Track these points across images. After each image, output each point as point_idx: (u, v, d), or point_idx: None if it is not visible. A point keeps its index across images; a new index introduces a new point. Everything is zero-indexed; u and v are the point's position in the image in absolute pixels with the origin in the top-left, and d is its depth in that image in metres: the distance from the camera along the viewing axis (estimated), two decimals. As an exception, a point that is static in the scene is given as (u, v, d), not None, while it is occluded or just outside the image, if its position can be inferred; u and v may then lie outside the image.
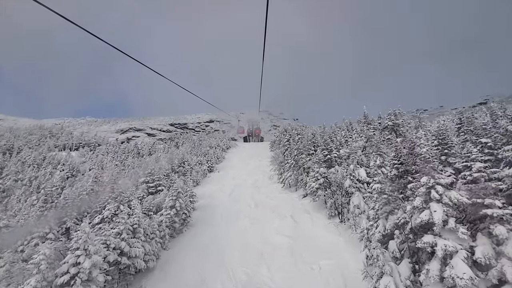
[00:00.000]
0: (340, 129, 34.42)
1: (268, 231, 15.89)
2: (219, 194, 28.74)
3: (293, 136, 31.12)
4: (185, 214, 18.88)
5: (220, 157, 47.38)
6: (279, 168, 28.76)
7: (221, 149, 52.00)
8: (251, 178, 33.91)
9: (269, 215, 18.82)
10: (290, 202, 20.93)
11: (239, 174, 37.30)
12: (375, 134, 19.54)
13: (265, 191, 26.62)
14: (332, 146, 19.07)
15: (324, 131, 32.96)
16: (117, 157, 57.49)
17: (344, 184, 14.60)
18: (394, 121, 18.63)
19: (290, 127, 50.68)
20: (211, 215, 21.30)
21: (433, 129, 15.35)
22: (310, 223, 15.93)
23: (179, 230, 18.19)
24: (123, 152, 60.90)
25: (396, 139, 16.85)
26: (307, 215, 17.14)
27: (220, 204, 24.52)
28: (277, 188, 26.61)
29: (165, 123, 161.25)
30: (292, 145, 28.64)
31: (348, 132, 29.50)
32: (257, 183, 30.69)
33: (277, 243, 14.03)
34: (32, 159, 54.44)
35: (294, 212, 18.22)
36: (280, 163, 28.66)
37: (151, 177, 25.43)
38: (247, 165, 42.94)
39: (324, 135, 29.57)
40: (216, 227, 17.84)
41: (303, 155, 24.04)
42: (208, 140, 55.61)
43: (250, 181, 32.54)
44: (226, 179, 35.61)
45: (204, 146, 51.76)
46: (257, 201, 23.69)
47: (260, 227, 16.68)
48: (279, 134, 56.85)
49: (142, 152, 62.48)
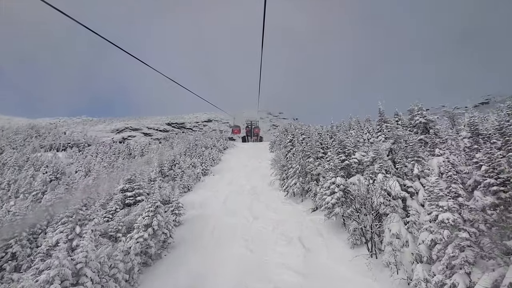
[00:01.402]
0: (349, 128, 30.61)
1: (271, 262, 12.00)
2: (212, 202, 24.85)
3: (297, 136, 27.21)
4: (165, 235, 14.97)
5: (216, 159, 43.42)
6: (281, 173, 24.88)
7: (217, 150, 48.05)
8: (249, 183, 30.08)
9: (271, 236, 14.94)
10: (297, 217, 17.06)
11: (236, 178, 33.43)
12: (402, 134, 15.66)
13: (265, 200, 22.76)
14: (351, 148, 15.22)
15: (332, 130, 28.98)
16: (107, 158, 53.50)
17: (373, 201, 10.77)
18: (427, 117, 14.86)
19: (292, 126, 46.72)
20: (200, 233, 17.42)
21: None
22: (325, 252, 12.03)
23: (156, 255, 14.30)
24: (113, 152, 56.83)
25: (454, 141, 12.96)
26: (319, 239, 13.24)
27: (212, 216, 20.66)
28: (279, 197, 22.72)
29: (162, 123, 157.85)
30: (296, 147, 24.78)
31: (359, 131, 25.68)
32: (256, 190, 26.85)
33: (282, 286, 10.11)
34: (13, 161, 50.31)
35: (303, 233, 14.34)
36: (282, 167, 24.78)
37: (130, 184, 21.51)
38: (245, 167, 39.07)
39: (332, 134, 25.65)
40: (204, 254, 13.91)
41: (310, 159, 20.16)
42: (203, 141, 51.58)
43: (248, 187, 28.71)
44: (221, 184, 31.74)
45: (199, 146, 47.84)
46: (256, 213, 19.86)
47: (259, 255, 12.79)
48: (279, 133, 52.94)
49: (134, 152, 58.53)
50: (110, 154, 55.19)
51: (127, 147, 59.74)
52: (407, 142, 14.48)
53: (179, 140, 64.18)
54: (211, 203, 24.56)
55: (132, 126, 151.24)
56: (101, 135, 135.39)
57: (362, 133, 24.59)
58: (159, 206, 15.29)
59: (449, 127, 16.89)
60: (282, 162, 25.03)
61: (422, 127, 14.85)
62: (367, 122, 28.91)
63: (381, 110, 23.48)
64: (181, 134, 79.28)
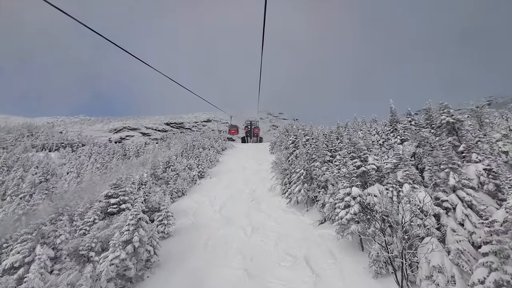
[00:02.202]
0: (357, 128, 28.44)
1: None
2: (207, 209, 22.70)
3: (300, 137, 24.99)
4: (148, 252, 12.76)
5: (213, 160, 41.21)
6: (283, 178, 22.68)
7: (215, 151, 45.83)
8: (248, 188, 27.94)
9: (273, 253, 12.74)
10: (302, 231, 14.84)
11: (234, 182, 31.30)
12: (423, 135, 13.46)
13: (266, 208, 20.58)
14: (367, 152, 12.99)
15: (338, 131, 26.87)
16: (100, 159, 51.24)
17: (399, 219, 8.52)
18: (455, 116, 12.65)
19: (294, 126, 44.42)
20: (191, 247, 15.24)
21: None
22: (340, 280, 9.76)
23: (137, 277, 12.10)
24: (108, 153, 54.54)
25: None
26: (331, 261, 11.02)
27: (206, 226, 18.52)
28: (281, 205, 20.52)
29: (161, 122, 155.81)
30: (300, 149, 22.59)
31: (366, 133, 23.50)
32: (255, 195, 24.69)
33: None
34: (2, 161, 48.02)
35: (310, 251, 12.13)
36: (284, 171, 22.58)
37: (116, 189, 19.28)
38: (244, 169, 36.91)
39: (339, 135, 23.49)
40: (193, 276, 11.68)
41: (316, 163, 17.96)
42: (201, 141, 49.33)
43: (247, 191, 26.57)
44: (218, 188, 29.60)
45: (196, 147, 45.65)
46: (255, 224, 17.69)
47: (259, 280, 10.58)
48: (279, 134, 50.69)
49: (129, 153, 56.33)
50: (104, 155, 52.90)
51: (122, 148, 57.52)
52: (432, 145, 12.29)
53: (176, 141, 61.87)
54: (205, 210, 22.42)
55: (130, 126, 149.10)
56: (99, 135, 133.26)
57: (370, 134, 22.42)
58: (142, 218, 13.09)
59: (476, 128, 14.71)
60: (284, 166, 22.83)
61: (450, 127, 12.66)
62: (373, 122, 26.70)
63: (393, 109, 21.36)
64: (178, 134, 77.11)
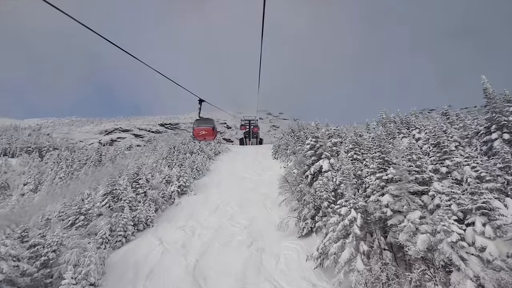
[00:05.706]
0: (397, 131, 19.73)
1: None
2: (173, 261, 13.92)
3: (323, 139, 15.99)
4: None
5: (202, 169, 32.31)
6: (301, 207, 13.88)
7: (205, 157, 36.92)
8: (245, 214, 19.24)
9: None
10: None
11: (226, 201, 22.53)
12: None
13: (275, 270, 11.79)
14: None
15: (376, 135, 17.95)
16: (69, 166, 42.27)
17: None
18: None
19: (313, 124, 35.19)
20: None
21: None
22: None
23: None
24: (79, 159, 45.33)
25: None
26: None
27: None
28: (302, 264, 11.67)
29: (155, 123, 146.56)
30: (344, 163, 13.80)
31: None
32: (256, 233, 15.77)
33: None
34: None
35: None
36: (301, 196, 13.81)
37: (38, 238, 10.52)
38: (241, 181, 28.03)
39: (378, 141, 14.53)
40: None
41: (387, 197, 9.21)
42: (188, 144, 40.17)
43: (243, 222, 17.88)
44: (202, 213, 20.83)
45: (181, 152, 36.72)
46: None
47: None
48: (283, 135, 41.75)
49: (103, 159, 47.14)
50: (75, 161, 43.83)
51: (97, 152, 48.22)
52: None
53: (163, 144, 52.80)
54: (170, 264, 13.70)
55: (122, 127, 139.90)
56: (88, 137, 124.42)
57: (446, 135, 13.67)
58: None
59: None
60: (301, 186, 14.01)
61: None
62: (443, 116, 17.93)
63: (490, 91, 12.62)
64: (167, 136, 68.23)
